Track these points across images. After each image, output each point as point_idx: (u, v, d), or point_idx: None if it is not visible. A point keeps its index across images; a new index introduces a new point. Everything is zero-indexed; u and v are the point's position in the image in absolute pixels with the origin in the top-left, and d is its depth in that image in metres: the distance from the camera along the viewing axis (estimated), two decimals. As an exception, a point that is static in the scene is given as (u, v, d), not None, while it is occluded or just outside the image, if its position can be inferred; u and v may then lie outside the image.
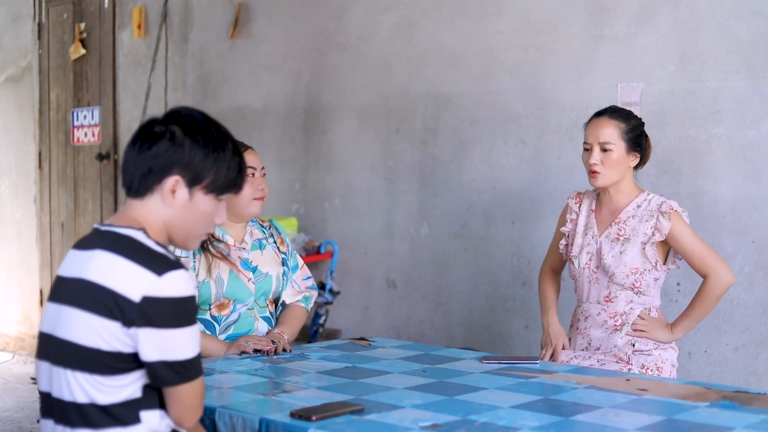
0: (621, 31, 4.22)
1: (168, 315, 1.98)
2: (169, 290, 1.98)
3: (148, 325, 1.98)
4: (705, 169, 3.99)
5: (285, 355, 3.13)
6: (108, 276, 2.00)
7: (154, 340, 1.98)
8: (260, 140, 5.73)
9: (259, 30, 5.77)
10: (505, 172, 4.64)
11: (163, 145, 2.05)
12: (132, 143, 2.10)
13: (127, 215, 2.11)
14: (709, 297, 3.28)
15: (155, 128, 2.09)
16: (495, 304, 4.71)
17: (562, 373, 2.88)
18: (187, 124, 2.08)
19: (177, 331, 2.00)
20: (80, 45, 6.92)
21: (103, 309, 1.99)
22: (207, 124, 2.11)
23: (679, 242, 3.28)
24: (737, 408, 2.42)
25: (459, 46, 4.81)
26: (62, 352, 2.04)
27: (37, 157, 7.38)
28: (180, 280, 2.00)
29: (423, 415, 2.34)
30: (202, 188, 2.10)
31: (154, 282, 1.98)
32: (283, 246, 3.48)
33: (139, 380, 2.05)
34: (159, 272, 1.99)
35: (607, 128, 3.32)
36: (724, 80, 3.93)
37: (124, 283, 1.98)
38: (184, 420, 2.10)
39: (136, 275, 1.98)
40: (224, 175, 2.11)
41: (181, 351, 2.01)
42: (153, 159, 2.06)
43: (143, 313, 1.97)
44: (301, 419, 2.28)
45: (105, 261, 2.02)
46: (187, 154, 2.06)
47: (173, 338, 1.99)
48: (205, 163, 2.08)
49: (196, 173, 2.08)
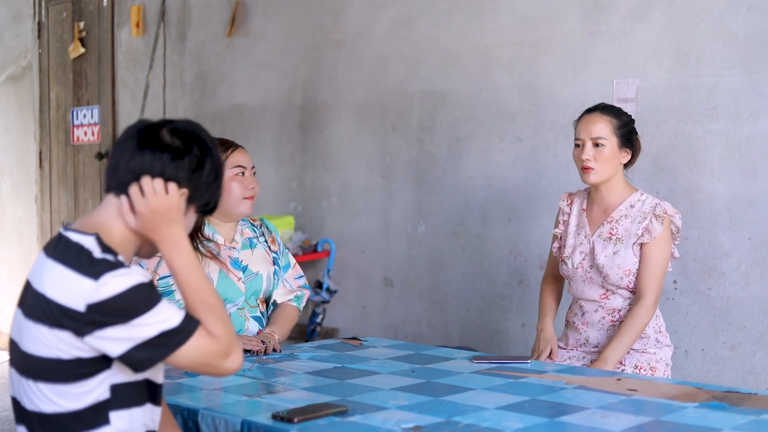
0: (616, 27, 4.19)
1: (117, 313, 1.94)
2: (109, 291, 1.94)
3: (104, 326, 1.94)
4: (701, 166, 3.96)
5: (275, 355, 3.11)
6: (55, 289, 1.97)
7: (115, 336, 1.94)
8: (258, 139, 5.71)
9: (256, 28, 5.75)
10: (501, 169, 4.61)
11: (186, 162, 2.06)
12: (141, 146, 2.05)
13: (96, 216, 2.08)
14: (638, 323, 3.22)
15: (172, 141, 2.06)
16: (492, 303, 4.68)
17: (552, 373, 2.85)
18: (205, 146, 2.10)
19: (134, 321, 1.94)
20: (79, 44, 6.91)
21: (54, 322, 1.96)
22: (216, 148, 2.13)
23: (651, 249, 3.25)
24: (726, 408, 2.38)
25: (455, 43, 4.78)
26: (25, 364, 2.02)
27: (38, 157, 7.38)
28: (117, 277, 1.95)
29: (407, 416, 2.32)
30: (197, 207, 2.13)
31: (93, 288, 1.94)
32: (275, 245, 3.45)
33: (105, 381, 2.01)
34: (96, 277, 1.95)
35: (599, 123, 3.29)
36: (720, 76, 3.90)
37: (69, 295, 1.95)
38: (217, 369, 2.03)
39: (76, 285, 1.95)
40: (216, 199, 2.16)
41: (149, 331, 1.96)
42: (174, 172, 2.05)
43: (92, 320, 1.94)
44: (283, 421, 2.26)
45: (53, 272, 1.99)
46: (204, 176, 2.08)
47: (134, 329, 1.95)
48: (211, 187, 2.12)
49: (201, 193, 2.10)
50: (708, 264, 3.96)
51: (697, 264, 3.98)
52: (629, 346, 3.24)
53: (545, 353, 3.37)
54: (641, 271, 3.26)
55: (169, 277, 3.13)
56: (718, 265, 3.93)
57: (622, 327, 3.24)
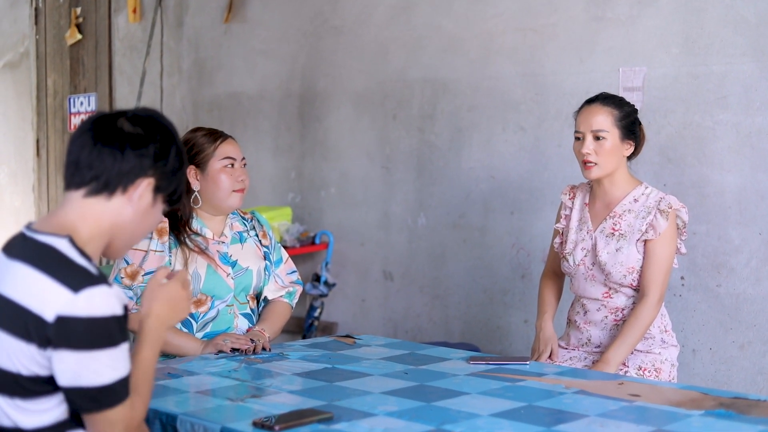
0: (623, 13, 4.05)
1: (83, 336, 1.80)
2: (85, 309, 1.80)
3: (62, 347, 1.80)
4: (710, 158, 3.82)
5: (264, 354, 2.99)
6: (23, 292, 1.83)
7: (67, 363, 1.81)
8: (256, 127, 5.59)
9: (254, 14, 5.61)
10: (503, 160, 4.47)
11: (151, 149, 1.96)
12: (99, 139, 1.93)
13: (61, 216, 1.94)
14: (642, 322, 3.10)
15: (131, 128, 1.95)
16: (493, 298, 4.55)
17: (551, 375, 2.72)
18: (167, 131, 2.02)
19: (92, 353, 1.81)
20: (76, 30, 6.78)
21: (20, 330, 1.83)
22: (176, 133, 2.05)
23: (655, 245, 3.12)
24: (733, 417, 2.25)
25: (457, 29, 4.64)
26: None
27: (35, 145, 7.27)
28: (99, 297, 1.82)
29: (395, 424, 2.19)
30: (164, 196, 2.04)
31: (69, 300, 1.80)
32: (266, 239, 3.33)
33: (63, 403, 1.89)
34: (75, 288, 1.81)
35: (600, 115, 3.15)
36: (731, 64, 3.75)
37: (39, 301, 1.81)
38: None
39: (50, 292, 1.81)
40: (182, 188, 2.08)
41: (96, 376, 1.83)
42: (138, 160, 1.95)
43: (57, 334, 1.80)
44: (264, 428, 2.15)
45: (22, 275, 1.85)
46: (170, 163, 1.99)
47: (88, 362, 1.81)
48: (177, 174, 2.03)
49: (167, 181, 2.01)
50: (717, 260, 3.82)
51: (706, 260, 3.84)
52: (633, 346, 3.11)
53: (545, 354, 3.24)
54: (645, 268, 3.13)
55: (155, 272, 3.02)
56: (727, 261, 3.80)
57: (624, 327, 3.11)
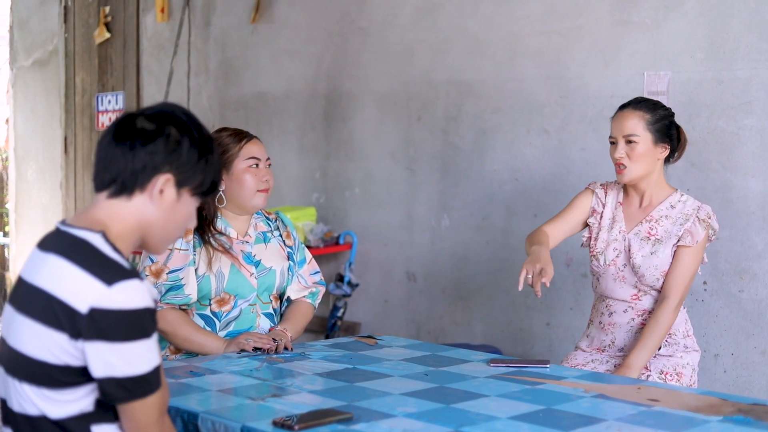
0: (648, 17, 4.04)
1: (117, 328, 1.84)
2: (118, 302, 1.84)
3: (96, 338, 1.85)
4: (735, 163, 3.81)
5: (285, 354, 3.01)
6: (57, 284, 1.87)
7: (101, 354, 1.85)
8: (281, 127, 5.62)
9: (280, 14, 5.64)
10: (527, 162, 4.48)
11: (160, 144, 1.96)
12: (115, 138, 1.97)
13: (92, 214, 1.98)
14: (663, 326, 3.11)
15: (144, 125, 1.97)
16: (516, 300, 4.55)
17: (571, 379, 2.72)
18: (180, 124, 2.00)
19: (127, 345, 1.86)
20: (105, 29, 6.84)
21: (51, 319, 1.87)
22: (197, 125, 2.04)
23: (687, 252, 3.14)
24: (752, 423, 2.25)
25: (482, 31, 4.65)
26: (12, 361, 1.94)
27: (63, 142, 7.34)
28: (132, 290, 1.86)
29: (414, 425, 2.21)
30: (190, 189, 2.02)
31: (103, 293, 1.84)
32: (290, 239, 3.35)
33: (90, 394, 1.93)
34: (109, 282, 1.85)
35: (631, 120, 3.17)
36: (756, 69, 3.74)
37: (72, 293, 1.85)
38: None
39: (84, 284, 1.85)
40: (211, 178, 2.06)
41: (131, 366, 1.87)
42: (149, 156, 1.95)
43: (90, 326, 1.84)
44: (284, 428, 2.17)
45: (56, 267, 1.89)
46: (184, 155, 1.98)
47: (123, 353, 1.86)
48: (198, 165, 2.01)
49: (187, 174, 2.00)
50: (740, 265, 3.81)
51: (729, 265, 3.83)
52: (654, 349, 3.11)
53: (536, 271, 3.01)
54: (671, 272, 3.14)
55: (179, 270, 3.05)
56: (750, 267, 3.79)
57: (645, 331, 3.12)
